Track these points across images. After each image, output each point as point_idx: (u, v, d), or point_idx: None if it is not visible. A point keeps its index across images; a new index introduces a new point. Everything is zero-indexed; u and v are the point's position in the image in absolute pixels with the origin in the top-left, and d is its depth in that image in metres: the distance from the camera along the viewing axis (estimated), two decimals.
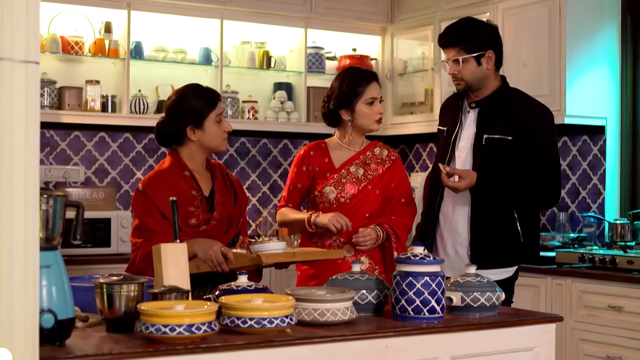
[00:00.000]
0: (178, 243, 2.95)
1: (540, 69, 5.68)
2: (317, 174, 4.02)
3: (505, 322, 3.06)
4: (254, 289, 2.93)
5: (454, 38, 4.08)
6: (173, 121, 3.72)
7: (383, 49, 7.04)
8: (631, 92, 5.80)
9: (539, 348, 3.11)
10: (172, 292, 2.70)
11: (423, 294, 2.92)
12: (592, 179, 5.86)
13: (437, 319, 2.94)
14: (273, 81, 6.79)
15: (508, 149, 3.95)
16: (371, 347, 2.77)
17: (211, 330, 2.51)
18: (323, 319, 2.81)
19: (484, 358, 3.00)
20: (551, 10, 5.64)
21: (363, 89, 3.97)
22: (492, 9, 6.03)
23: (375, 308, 3.09)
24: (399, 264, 2.99)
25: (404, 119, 6.82)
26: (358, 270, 3.16)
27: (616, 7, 5.80)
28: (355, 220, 3.92)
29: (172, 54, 6.34)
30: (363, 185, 3.98)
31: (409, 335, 2.84)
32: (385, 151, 4.10)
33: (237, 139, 6.71)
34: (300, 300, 2.84)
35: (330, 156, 4.05)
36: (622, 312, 4.86)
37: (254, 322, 2.62)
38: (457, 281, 3.11)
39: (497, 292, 3.11)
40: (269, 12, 6.50)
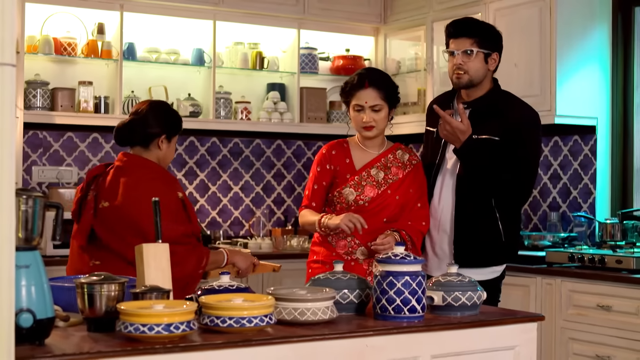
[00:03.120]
0: (160, 243, 2.96)
1: (531, 69, 5.70)
2: (337, 173, 4.00)
3: (486, 321, 3.07)
4: (235, 288, 2.95)
5: (471, 29, 4.10)
6: (149, 125, 3.82)
7: (376, 50, 7.06)
8: (622, 92, 5.81)
9: (520, 347, 3.12)
10: (152, 292, 2.71)
11: (403, 294, 2.93)
12: (583, 178, 5.88)
13: (417, 318, 2.96)
14: (266, 82, 6.81)
15: (494, 149, 3.97)
16: (351, 347, 2.78)
17: (190, 330, 2.53)
18: (303, 319, 2.83)
19: (465, 357, 3.02)
20: (542, 11, 5.66)
21: (352, 94, 3.97)
22: (484, 9, 6.04)
23: (357, 307, 3.10)
24: (380, 264, 3.01)
25: (397, 119, 6.77)
26: (340, 269, 3.18)
27: (607, 7, 5.81)
28: (373, 224, 3.91)
29: (165, 55, 6.36)
30: (383, 189, 3.96)
31: (389, 334, 2.85)
32: (407, 155, 4.06)
33: (230, 139, 6.73)
34: (280, 299, 2.85)
35: (352, 157, 4.03)
36: (611, 312, 4.88)
37: (233, 321, 2.63)
38: (438, 280, 3.13)
39: (479, 291, 3.12)
40: (261, 13, 6.52)
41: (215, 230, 6.58)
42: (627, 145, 5.82)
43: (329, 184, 4.02)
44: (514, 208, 4.11)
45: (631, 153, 5.80)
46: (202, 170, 6.64)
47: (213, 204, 6.66)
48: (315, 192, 4.03)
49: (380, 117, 3.95)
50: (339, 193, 3.97)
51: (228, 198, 6.71)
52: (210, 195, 6.65)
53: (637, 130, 5.80)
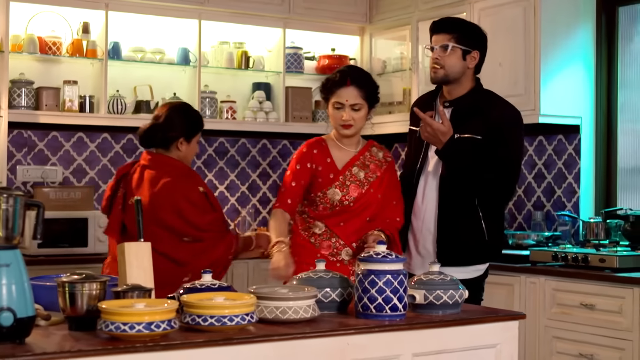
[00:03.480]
0: (142, 242, 2.97)
1: (515, 69, 5.72)
2: (319, 173, 3.95)
3: (468, 319, 3.08)
4: (217, 287, 2.96)
5: (449, 25, 4.16)
6: (168, 129, 4.20)
7: (362, 49, 7.08)
8: (606, 91, 5.84)
9: (502, 345, 3.14)
10: (134, 291, 2.72)
11: (385, 292, 2.94)
12: (567, 178, 5.90)
13: (399, 316, 2.97)
14: (251, 81, 6.81)
15: (476, 148, 3.98)
16: (332, 345, 2.79)
17: (171, 328, 2.53)
18: (285, 317, 2.83)
19: (446, 355, 3.03)
20: (526, 10, 5.67)
21: (333, 91, 3.93)
22: (469, 8, 6.06)
23: (339, 306, 3.11)
24: (362, 263, 3.02)
25: (382, 119, 6.84)
26: (322, 268, 3.19)
27: (591, 7, 5.83)
28: (357, 223, 3.94)
29: (150, 54, 6.36)
30: (366, 188, 3.95)
31: (370, 333, 2.86)
32: (380, 152, 4.06)
33: (216, 139, 6.73)
34: (262, 298, 2.86)
35: (332, 156, 3.98)
36: (594, 310, 4.90)
37: (215, 320, 2.64)
38: (420, 279, 3.14)
39: (460, 289, 3.13)
40: (247, 13, 6.53)
41: None
42: (611, 144, 5.84)
43: (307, 183, 3.96)
44: (497, 207, 4.13)
45: (615, 152, 5.83)
46: None
47: None
48: (292, 189, 3.94)
49: (360, 116, 3.94)
50: (323, 194, 3.93)
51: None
52: None
53: (621, 129, 5.83)
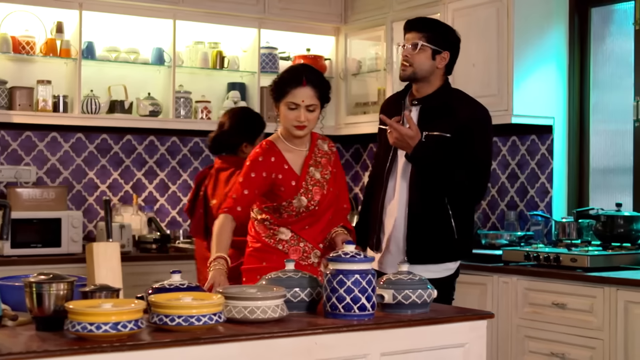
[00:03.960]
0: (111, 242, 2.97)
1: (488, 69, 5.74)
2: (279, 182, 3.83)
3: (436, 319, 3.10)
4: (186, 287, 2.96)
5: (421, 24, 4.19)
6: (230, 137, 4.84)
7: (337, 49, 7.08)
8: (578, 92, 5.87)
9: (470, 345, 3.16)
10: (102, 291, 2.72)
11: (353, 292, 2.96)
12: (540, 178, 5.93)
13: (367, 316, 2.98)
14: (226, 81, 6.80)
15: (445, 145, 4.01)
16: (300, 345, 2.80)
17: (138, 328, 2.54)
18: (253, 317, 2.84)
19: (415, 355, 3.05)
20: (499, 11, 5.70)
21: (287, 91, 3.80)
22: (443, 9, 6.08)
23: (308, 306, 3.12)
24: (331, 262, 3.03)
25: (357, 119, 6.86)
26: (292, 268, 3.19)
27: (563, 8, 5.87)
28: (322, 224, 3.91)
29: (125, 54, 6.35)
30: (326, 188, 3.90)
31: (338, 332, 2.87)
32: (325, 144, 4.00)
33: (191, 139, 6.72)
34: (230, 298, 2.87)
35: (287, 160, 3.88)
36: (565, 309, 4.93)
37: (182, 319, 2.65)
38: (389, 279, 3.16)
39: (429, 289, 3.15)
40: (222, 13, 6.52)
41: (175, 229, 6.57)
42: (584, 144, 5.88)
43: (261, 193, 3.83)
44: (467, 206, 4.16)
45: (587, 152, 5.86)
46: (162, 170, 6.63)
47: (173, 203, 6.65)
48: (244, 197, 3.80)
49: (314, 117, 3.84)
50: (288, 203, 3.82)
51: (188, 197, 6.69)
52: (171, 195, 6.65)
53: (593, 130, 5.87)
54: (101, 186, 6.39)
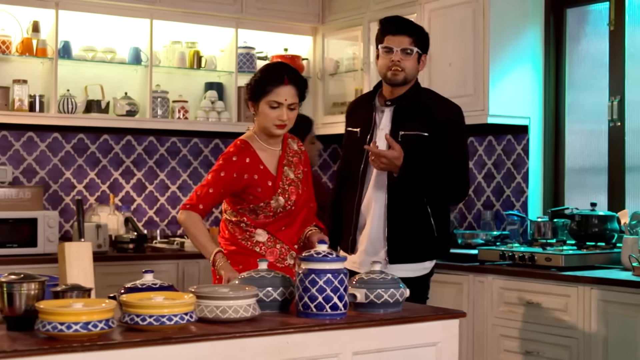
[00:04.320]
0: (83, 242, 2.96)
1: (465, 69, 5.76)
2: (255, 182, 3.80)
3: (408, 318, 3.11)
4: (158, 287, 2.96)
5: (410, 27, 4.16)
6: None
7: (314, 49, 7.09)
8: (554, 91, 5.90)
9: (442, 343, 3.17)
10: (73, 291, 2.72)
11: (325, 291, 2.97)
12: (516, 177, 5.96)
13: (339, 315, 2.99)
14: (204, 81, 6.80)
15: (423, 144, 4.05)
16: (271, 344, 2.81)
17: (108, 328, 2.54)
18: (225, 316, 2.85)
19: (387, 354, 3.06)
20: (475, 12, 5.72)
21: (270, 89, 3.78)
22: (420, 9, 6.10)
23: (281, 305, 3.13)
24: (303, 262, 3.04)
25: (335, 119, 6.86)
26: (265, 267, 3.20)
27: (539, 8, 5.89)
28: (297, 224, 3.92)
29: (101, 53, 6.33)
30: (301, 188, 3.91)
31: (310, 331, 2.88)
32: (294, 143, 4.02)
33: (168, 138, 6.71)
34: (202, 297, 2.87)
35: (262, 161, 3.86)
36: (540, 308, 4.95)
37: (153, 319, 2.65)
38: (361, 278, 3.17)
39: (401, 288, 3.17)
40: (199, 12, 6.52)
41: (152, 229, 6.56)
42: (559, 144, 5.91)
43: (228, 193, 3.80)
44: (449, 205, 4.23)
45: (563, 152, 5.89)
46: (139, 170, 6.62)
47: (150, 203, 6.64)
48: (208, 195, 3.77)
49: (294, 116, 3.84)
50: (266, 204, 3.81)
51: (165, 197, 6.70)
52: (148, 195, 6.64)
53: (569, 129, 5.90)
54: (78, 186, 6.37)
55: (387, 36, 4.17)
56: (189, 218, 3.78)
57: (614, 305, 4.59)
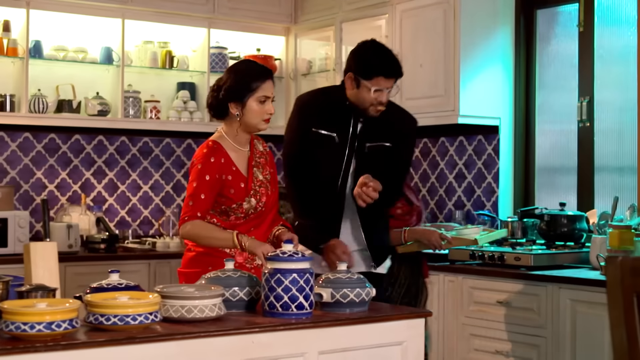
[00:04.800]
0: (48, 242, 2.96)
1: (435, 70, 5.79)
2: (229, 183, 3.77)
3: (374, 317, 3.13)
4: (124, 286, 2.96)
5: (400, 70, 4.12)
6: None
7: (287, 49, 7.10)
8: (524, 92, 5.94)
9: (408, 343, 3.19)
10: (37, 291, 2.72)
11: (291, 291, 2.98)
12: (487, 177, 5.99)
13: (305, 315, 3.01)
14: (176, 81, 6.79)
15: (385, 155, 4.13)
16: (237, 343, 2.81)
17: (72, 328, 2.54)
18: (190, 316, 2.85)
19: (352, 353, 3.07)
20: (446, 12, 5.75)
21: (257, 85, 3.76)
22: (391, 10, 6.12)
23: (247, 305, 3.13)
24: (269, 261, 3.05)
25: None
26: (231, 267, 3.21)
27: (509, 10, 5.93)
28: (266, 225, 3.91)
29: (73, 53, 6.31)
30: (270, 189, 3.90)
31: (275, 331, 2.89)
32: (260, 143, 4.00)
33: (140, 138, 6.70)
34: (168, 297, 2.87)
35: (233, 162, 3.84)
36: (509, 308, 4.98)
37: (117, 319, 2.65)
38: (327, 277, 3.18)
39: (367, 288, 3.18)
40: (171, 12, 6.51)
41: (124, 229, 6.55)
42: (529, 144, 5.94)
43: (216, 195, 3.76)
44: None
45: (533, 152, 5.93)
46: (111, 170, 6.60)
47: (122, 203, 6.63)
48: (202, 202, 3.71)
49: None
50: (238, 205, 3.78)
51: (137, 197, 6.69)
52: (120, 195, 6.62)
53: (539, 130, 5.94)
54: (49, 186, 6.35)
55: (380, 77, 4.04)
56: (193, 227, 3.71)
57: (583, 305, 4.63)
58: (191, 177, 3.78)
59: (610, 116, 5.54)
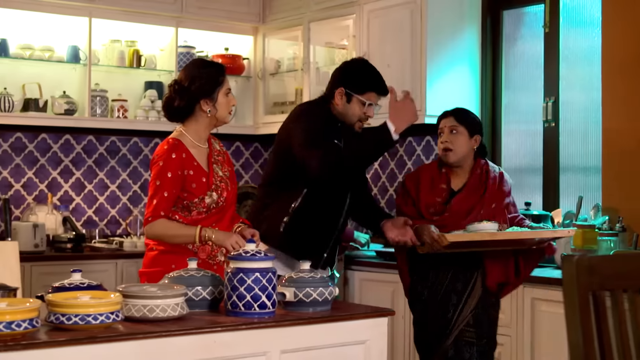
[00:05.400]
0: (9, 241, 2.95)
1: (402, 70, 5.81)
2: (191, 178, 3.80)
3: (337, 316, 3.14)
4: (86, 286, 2.96)
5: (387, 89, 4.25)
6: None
7: (255, 49, 7.10)
8: (490, 92, 5.98)
9: (371, 341, 3.20)
10: None
11: (254, 290, 2.98)
12: None
13: (268, 314, 3.01)
14: (144, 80, 6.77)
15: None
16: (199, 343, 2.82)
17: (33, 327, 2.53)
18: (152, 315, 2.85)
19: (315, 352, 3.08)
20: (413, 13, 5.77)
21: (222, 79, 3.89)
22: (358, 10, 6.13)
23: (210, 304, 3.14)
24: (232, 261, 3.05)
25: (275, 118, 6.87)
26: (194, 266, 3.21)
27: (476, 10, 5.96)
28: (226, 221, 3.93)
29: (39, 51, 6.28)
30: (230, 185, 3.94)
31: (238, 330, 2.90)
32: (216, 143, 4.05)
33: (107, 137, 6.68)
34: (130, 296, 2.87)
35: (195, 158, 3.87)
36: None
37: (79, 318, 2.64)
38: (290, 277, 3.19)
39: (330, 287, 3.19)
40: (139, 11, 6.49)
41: (91, 229, 6.52)
42: (496, 144, 5.98)
43: (178, 191, 3.79)
44: None
45: (499, 152, 5.96)
46: (78, 169, 6.57)
47: (89, 202, 6.60)
48: (165, 200, 3.74)
49: None
50: (200, 200, 3.81)
51: (104, 197, 6.67)
52: (87, 194, 6.60)
53: (505, 130, 5.97)
54: (15, 185, 6.31)
55: (372, 93, 4.17)
56: (157, 226, 3.75)
57: (546, 304, 4.67)
58: (153, 174, 3.82)
59: (575, 116, 5.59)
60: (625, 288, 2.22)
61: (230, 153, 7.18)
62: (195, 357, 2.81)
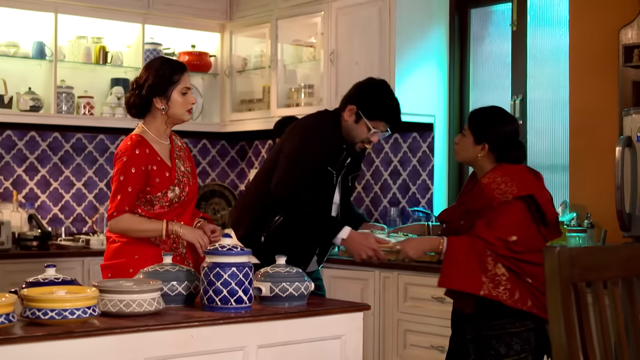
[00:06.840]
0: None
1: (371, 67, 5.81)
2: (154, 173, 3.83)
3: (313, 311, 3.14)
4: (61, 281, 2.93)
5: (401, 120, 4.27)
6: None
7: (222, 46, 7.08)
8: (458, 90, 6.00)
9: (347, 336, 3.21)
10: None
11: (230, 285, 2.98)
12: (422, 174, 6.04)
13: (244, 308, 3.01)
14: (110, 77, 6.73)
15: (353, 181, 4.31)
16: (176, 337, 2.81)
17: (9, 322, 2.51)
18: (129, 310, 2.84)
19: (292, 347, 3.08)
20: (381, 11, 5.78)
21: (178, 78, 3.90)
22: (327, 7, 6.14)
23: (186, 299, 3.13)
24: (208, 255, 3.04)
25: (242, 116, 6.87)
26: (169, 262, 3.19)
27: (444, 8, 5.98)
28: (188, 214, 3.96)
29: (4, 47, 6.22)
30: (191, 180, 3.99)
31: (214, 324, 2.89)
32: (177, 139, 4.08)
33: (73, 134, 6.63)
34: (106, 291, 2.85)
35: (158, 153, 3.90)
36: (444, 303, 5.01)
37: (55, 313, 2.62)
38: (266, 272, 3.19)
39: (306, 282, 3.19)
40: (105, 7, 6.45)
41: (57, 227, 6.46)
42: None
43: (142, 187, 3.82)
44: None
45: None
46: (43, 166, 6.51)
47: (55, 200, 6.54)
48: (129, 195, 3.78)
49: None
50: (163, 194, 3.84)
51: (70, 194, 6.61)
52: (52, 192, 6.54)
53: None
54: None
55: (383, 123, 4.11)
56: (122, 221, 3.79)
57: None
58: (116, 170, 3.85)
59: (542, 115, 5.62)
60: (605, 279, 2.24)
61: (197, 151, 7.16)
62: (173, 352, 2.80)
